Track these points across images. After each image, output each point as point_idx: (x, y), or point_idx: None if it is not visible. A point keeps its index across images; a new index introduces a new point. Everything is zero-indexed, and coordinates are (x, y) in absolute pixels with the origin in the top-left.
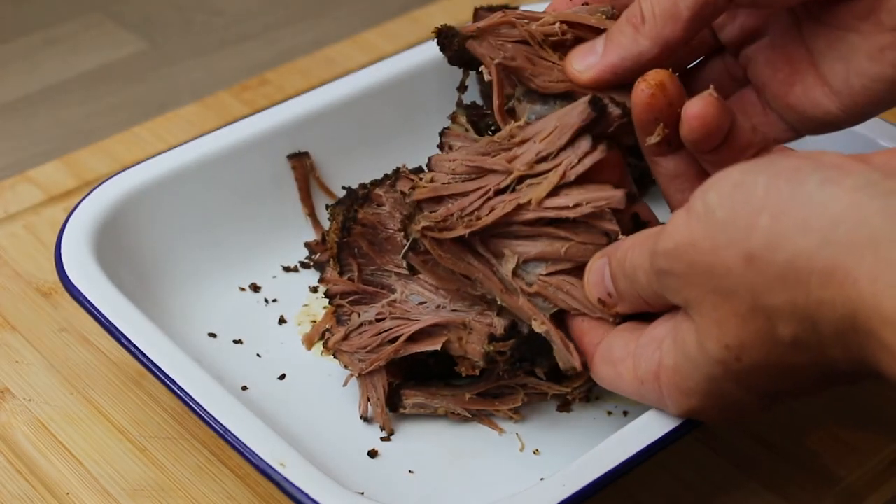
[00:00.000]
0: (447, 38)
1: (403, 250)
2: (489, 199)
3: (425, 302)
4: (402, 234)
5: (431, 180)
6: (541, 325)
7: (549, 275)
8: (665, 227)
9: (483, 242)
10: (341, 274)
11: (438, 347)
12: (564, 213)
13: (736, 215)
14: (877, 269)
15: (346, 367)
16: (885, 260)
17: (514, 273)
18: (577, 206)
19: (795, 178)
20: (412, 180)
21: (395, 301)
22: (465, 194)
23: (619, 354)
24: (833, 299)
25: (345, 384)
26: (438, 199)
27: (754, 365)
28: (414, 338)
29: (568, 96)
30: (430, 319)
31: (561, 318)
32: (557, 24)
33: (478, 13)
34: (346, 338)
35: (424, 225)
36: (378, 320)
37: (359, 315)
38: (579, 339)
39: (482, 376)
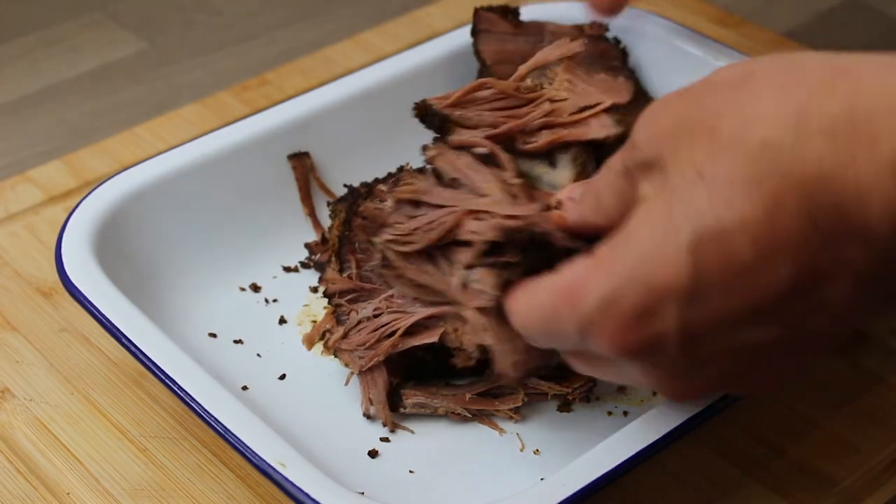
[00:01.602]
0: (427, 116)
1: (376, 265)
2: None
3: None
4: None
5: (414, 184)
6: (482, 332)
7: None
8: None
9: (444, 254)
10: (341, 271)
11: (436, 339)
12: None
13: (741, 65)
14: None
15: (346, 365)
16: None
17: (463, 282)
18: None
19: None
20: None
21: (392, 296)
22: (440, 206)
23: (536, 285)
24: (833, 84)
25: (346, 383)
26: (417, 204)
27: (711, 183)
28: (411, 331)
29: (549, 154)
30: (426, 312)
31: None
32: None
33: (478, 14)
34: (345, 336)
35: (387, 238)
36: (375, 316)
37: (357, 313)
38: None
39: (482, 376)
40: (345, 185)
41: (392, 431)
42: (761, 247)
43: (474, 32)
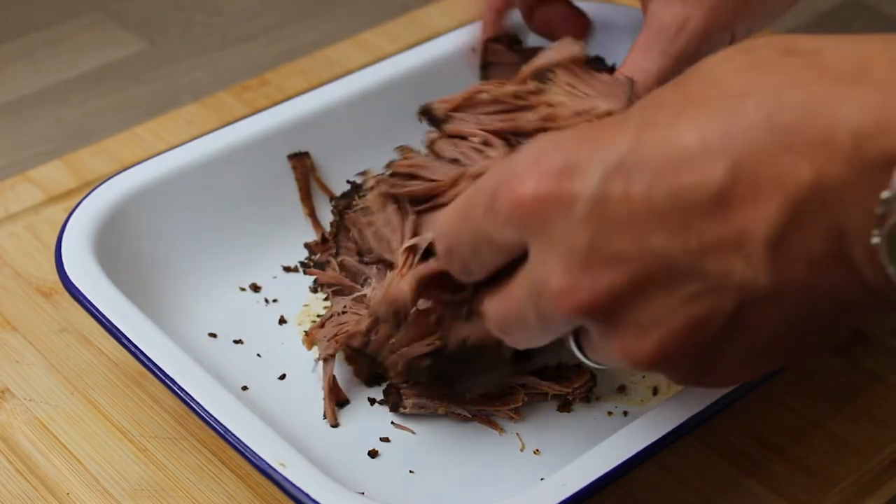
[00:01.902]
0: (429, 119)
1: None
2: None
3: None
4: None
5: (412, 158)
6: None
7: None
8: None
9: (419, 219)
10: (337, 254)
11: (365, 348)
12: None
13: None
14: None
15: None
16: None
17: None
18: None
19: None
20: None
21: (364, 296)
22: (431, 181)
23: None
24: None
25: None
26: (412, 176)
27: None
28: (355, 335)
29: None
30: (354, 328)
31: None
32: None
33: (487, 47)
34: (322, 326)
35: (382, 174)
36: (342, 313)
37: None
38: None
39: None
40: (347, 182)
41: (333, 426)
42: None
43: (484, 66)
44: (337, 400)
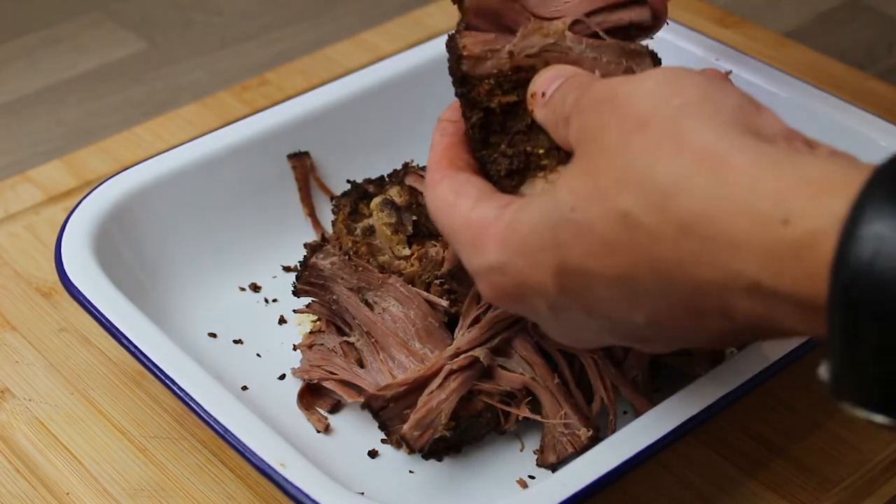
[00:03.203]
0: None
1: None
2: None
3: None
4: None
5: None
6: None
7: None
8: (616, 78)
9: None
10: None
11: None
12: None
13: (659, 89)
14: (757, 160)
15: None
16: (769, 155)
17: None
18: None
19: (722, 91)
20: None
21: (350, 343)
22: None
23: (467, 190)
24: (697, 178)
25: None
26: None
27: (580, 225)
28: (315, 387)
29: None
30: (340, 377)
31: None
32: None
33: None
34: (310, 346)
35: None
36: (332, 350)
37: (325, 334)
38: (448, 147)
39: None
40: (348, 181)
41: (319, 432)
42: (613, 292)
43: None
44: (326, 407)
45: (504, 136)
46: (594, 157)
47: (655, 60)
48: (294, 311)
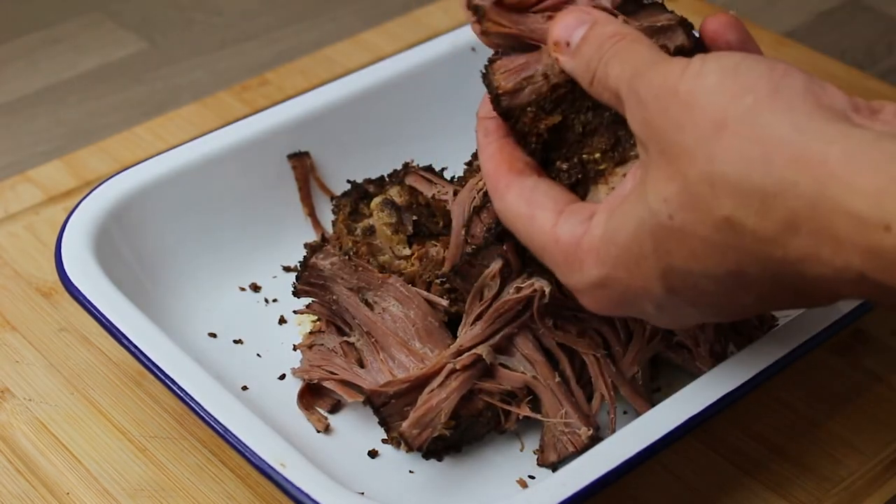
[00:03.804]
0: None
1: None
2: None
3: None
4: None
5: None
6: None
7: None
8: (660, 62)
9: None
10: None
11: (380, 408)
12: None
13: (724, 85)
14: (848, 153)
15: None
16: (856, 144)
17: None
18: None
19: (787, 78)
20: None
21: (349, 342)
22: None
23: (542, 201)
24: (797, 178)
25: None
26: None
27: (681, 231)
28: (315, 387)
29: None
30: (340, 377)
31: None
32: None
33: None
34: (311, 347)
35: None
36: (332, 350)
37: (325, 334)
38: (499, 149)
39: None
40: (348, 181)
41: (319, 432)
42: (723, 288)
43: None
44: (326, 407)
45: (558, 153)
46: (676, 161)
47: (687, 29)
48: (294, 311)
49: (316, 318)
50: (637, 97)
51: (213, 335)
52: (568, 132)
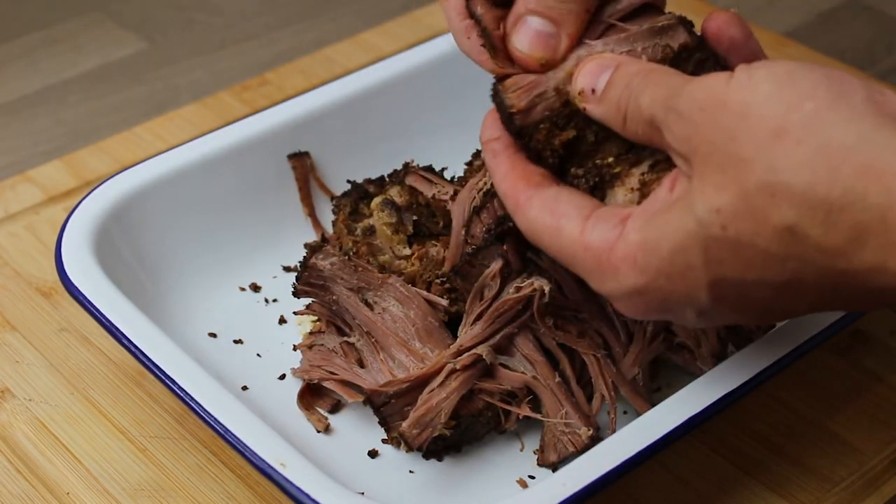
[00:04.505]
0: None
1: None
2: None
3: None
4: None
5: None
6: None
7: None
8: (699, 78)
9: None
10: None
11: (381, 407)
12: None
13: (780, 93)
14: None
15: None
16: None
17: None
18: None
19: (846, 85)
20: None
21: (350, 343)
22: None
23: (566, 209)
24: (866, 190)
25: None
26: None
27: (736, 242)
28: (315, 387)
29: None
30: (340, 377)
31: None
32: None
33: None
34: (311, 347)
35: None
36: (332, 350)
37: (325, 334)
38: (512, 167)
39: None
40: (348, 181)
41: (319, 432)
42: (779, 297)
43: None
44: (326, 407)
45: (572, 162)
46: (730, 171)
47: (688, 27)
48: (294, 312)
49: (316, 318)
50: (677, 114)
51: (213, 335)
52: (580, 143)
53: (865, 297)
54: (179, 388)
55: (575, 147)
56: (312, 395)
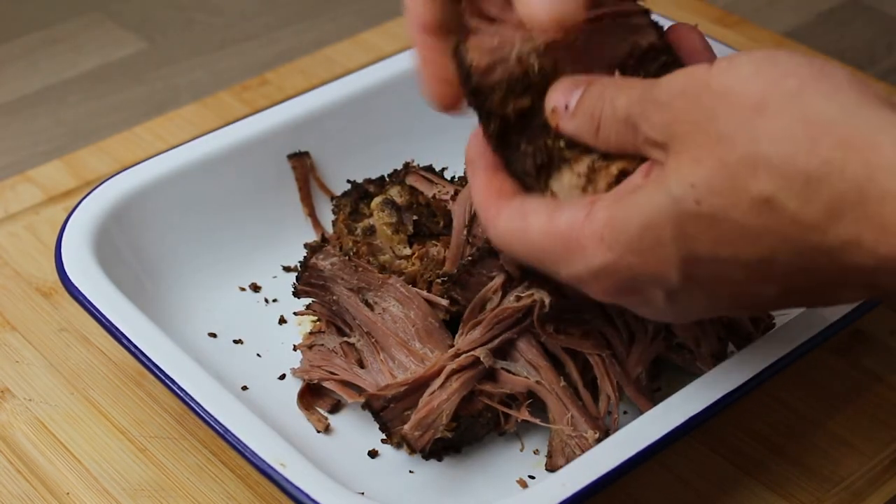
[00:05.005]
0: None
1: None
2: None
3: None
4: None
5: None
6: None
7: None
8: (674, 73)
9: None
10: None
11: (380, 411)
12: None
13: (762, 72)
14: None
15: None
16: None
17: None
18: None
19: (829, 65)
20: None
21: (350, 343)
22: None
23: (533, 207)
24: (844, 162)
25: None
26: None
27: (710, 216)
28: (315, 387)
29: None
30: (340, 377)
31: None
32: None
33: None
34: (311, 347)
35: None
36: (332, 350)
37: (325, 335)
38: (488, 180)
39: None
40: (348, 181)
41: (320, 432)
42: (751, 280)
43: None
44: (326, 407)
45: (522, 136)
46: (707, 147)
47: (657, 29)
48: (294, 312)
49: (316, 318)
50: (655, 103)
51: (213, 335)
52: (535, 118)
53: (839, 281)
54: (179, 388)
55: (528, 121)
56: (312, 395)
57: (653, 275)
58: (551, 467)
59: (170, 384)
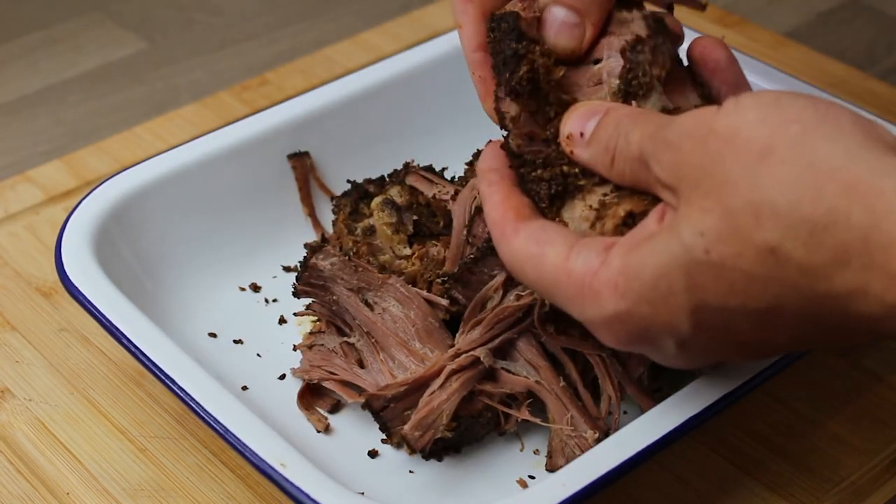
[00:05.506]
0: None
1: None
2: None
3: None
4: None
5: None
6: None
7: None
8: (689, 112)
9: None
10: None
11: (380, 411)
12: None
13: (767, 117)
14: None
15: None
16: None
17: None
18: None
19: (833, 109)
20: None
21: (350, 343)
22: None
23: (551, 237)
24: (849, 209)
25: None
26: None
27: (719, 265)
28: (315, 387)
29: None
30: (340, 377)
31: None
32: None
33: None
34: (311, 347)
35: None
36: (332, 350)
37: (325, 334)
38: (506, 198)
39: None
40: (348, 181)
41: (320, 432)
42: (758, 333)
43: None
44: (326, 407)
45: (539, 156)
46: (715, 194)
47: (647, 21)
48: (294, 312)
49: (316, 318)
50: (665, 143)
51: (213, 335)
52: (551, 144)
53: (848, 327)
54: (179, 388)
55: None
56: (312, 395)
57: (665, 324)
58: (551, 467)
59: (170, 384)
